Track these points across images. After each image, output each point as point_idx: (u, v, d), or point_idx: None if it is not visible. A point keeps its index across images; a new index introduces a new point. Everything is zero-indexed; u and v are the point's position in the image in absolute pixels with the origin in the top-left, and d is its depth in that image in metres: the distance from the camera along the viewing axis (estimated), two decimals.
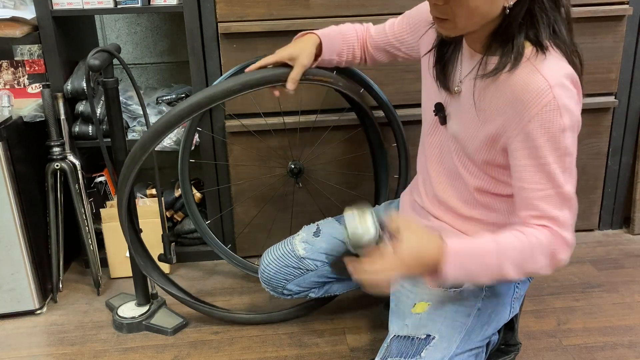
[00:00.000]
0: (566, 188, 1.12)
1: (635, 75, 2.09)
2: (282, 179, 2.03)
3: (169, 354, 1.68)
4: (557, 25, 1.12)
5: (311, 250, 1.56)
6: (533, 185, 1.13)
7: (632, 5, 1.97)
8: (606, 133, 2.15)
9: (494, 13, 1.09)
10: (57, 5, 1.83)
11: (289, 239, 1.62)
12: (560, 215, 1.13)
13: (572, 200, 1.14)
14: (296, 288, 1.60)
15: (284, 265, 1.57)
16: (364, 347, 1.68)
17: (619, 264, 2.07)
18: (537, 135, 1.09)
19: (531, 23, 1.11)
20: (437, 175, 1.36)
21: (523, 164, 1.13)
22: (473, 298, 1.28)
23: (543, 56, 1.11)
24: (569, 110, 1.09)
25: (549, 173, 1.11)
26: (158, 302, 1.84)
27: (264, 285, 1.63)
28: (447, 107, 1.30)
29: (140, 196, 2.10)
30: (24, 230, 1.79)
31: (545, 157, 1.10)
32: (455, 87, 1.26)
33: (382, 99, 1.92)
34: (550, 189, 1.12)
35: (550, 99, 1.07)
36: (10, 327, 1.82)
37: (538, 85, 1.08)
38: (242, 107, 1.95)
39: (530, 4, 1.09)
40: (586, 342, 1.67)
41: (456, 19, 1.10)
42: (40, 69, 1.94)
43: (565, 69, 1.11)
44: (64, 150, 1.90)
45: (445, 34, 1.17)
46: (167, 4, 1.85)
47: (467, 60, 1.23)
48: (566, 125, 1.09)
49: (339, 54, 1.52)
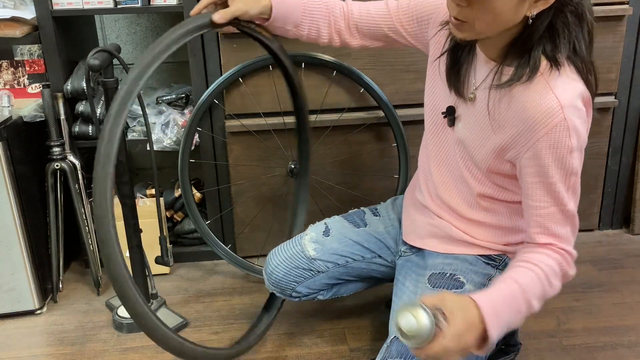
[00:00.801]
0: (569, 206, 1.16)
1: (635, 75, 2.09)
2: (282, 179, 2.03)
3: (169, 354, 1.67)
4: (578, 42, 1.10)
5: (322, 250, 1.49)
6: (538, 203, 1.16)
7: (632, 5, 1.97)
8: (606, 133, 2.15)
9: (515, 21, 1.07)
10: (57, 5, 1.83)
11: (296, 238, 1.54)
12: (563, 233, 1.17)
13: (575, 217, 1.18)
14: (305, 290, 1.53)
15: (294, 266, 1.49)
16: (364, 347, 1.68)
17: (619, 264, 2.07)
18: (545, 154, 1.11)
19: (551, 37, 1.09)
20: (441, 176, 1.36)
21: (530, 181, 1.15)
22: None
23: (557, 72, 1.11)
24: (577, 131, 1.10)
25: (554, 192, 1.14)
26: (158, 302, 1.84)
27: (272, 287, 1.54)
28: (457, 109, 1.29)
29: (140, 196, 2.10)
30: (24, 230, 1.79)
31: (552, 176, 1.12)
32: (470, 94, 1.24)
33: (382, 99, 1.92)
34: (553, 207, 1.15)
35: (560, 119, 1.08)
36: (10, 327, 1.82)
37: (550, 104, 1.09)
38: (242, 107, 1.95)
39: (554, 18, 1.07)
40: (586, 342, 1.67)
41: (476, 23, 1.07)
42: (40, 69, 1.94)
43: (578, 88, 1.11)
44: (64, 150, 1.90)
45: (461, 37, 1.14)
46: (167, 4, 1.85)
47: (481, 67, 1.21)
48: (574, 146, 1.10)
49: (296, 25, 1.36)
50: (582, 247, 2.16)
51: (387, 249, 1.52)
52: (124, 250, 1.92)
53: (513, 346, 1.51)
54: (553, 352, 1.64)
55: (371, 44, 1.44)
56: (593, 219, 2.26)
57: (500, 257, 1.34)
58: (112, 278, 1.09)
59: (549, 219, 1.16)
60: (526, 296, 1.10)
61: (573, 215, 1.17)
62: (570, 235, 1.18)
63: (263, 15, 1.32)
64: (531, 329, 1.73)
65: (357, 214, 1.58)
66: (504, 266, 1.33)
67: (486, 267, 1.33)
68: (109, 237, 1.07)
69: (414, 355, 1.18)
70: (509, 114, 1.15)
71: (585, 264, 2.07)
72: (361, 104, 1.99)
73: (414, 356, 1.18)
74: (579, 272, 2.06)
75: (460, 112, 1.28)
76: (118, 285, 1.09)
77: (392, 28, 1.38)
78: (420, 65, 1.90)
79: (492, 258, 1.34)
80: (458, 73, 1.25)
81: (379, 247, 1.52)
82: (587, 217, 2.25)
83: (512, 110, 1.15)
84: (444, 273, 1.32)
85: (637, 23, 2.02)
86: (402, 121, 1.94)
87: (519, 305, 1.10)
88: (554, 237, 1.17)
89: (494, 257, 1.34)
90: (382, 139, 2.03)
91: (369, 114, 1.99)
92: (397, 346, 1.22)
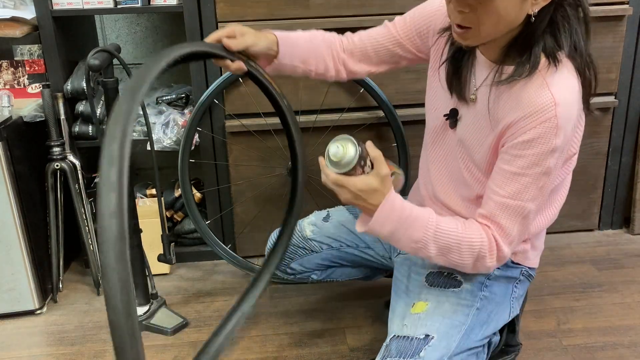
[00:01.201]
0: (528, 205, 1.13)
1: (635, 75, 2.09)
2: (282, 179, 2.03)
3: (169, 354, 1.68)
4: (577, 36, 1.11)
5: (319, 233, 1.57)
6: (499, 190, 1.15)
7: (632, 5, 1.97)
8: (606, 133, 2.15)
9: (519, 21, 1.07)
10: (57, 5, 1.83)
11: (299, 221, 1.61)
12: (507, 226, 1.15)
13: (527, 220, 1.15)
14: (299, 267, 1.60)
15: (290, 244, 1.54)
16: (364, 347, 1.68)
17: (619, 264, 2.07)
18: (527, 146, 1.10)
19: (552, 32, 1.09)
20: (440, 178, 1.36)
21: (502, 167, 1.15)
22: (472, 298, 1.29)
23: (554, 69, 1.11)
24: (565, 132, 1.09)
25: (520, 185, 1.12)
26: (158, 302, 1.84)
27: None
28: (459, 111, 1.29)
29: (140, 196, 2.10)
30: (24, 230, 1.79)
31: (524, 169, 1.11)
32: (471, 95, 1.24)
33: (382, 99, 1.92)
34: (511, 199, 1.14)
35: (551, 116, 1.08)
36: (10, 327, 1.82)
37: (544, 100, 1.09)
38: (242, 107, 1.95)
39: (554, 13, 1.08)
40: (586, 342, 1.67)
41: (481, 27, 1.07)
42: (40, 69, 1.94)
43: (574, 87, 1.11)
44: (64, 150, 1.90)
45: (465, 43, 1.13)
46: (167, 4, 1.85)
47: (481, 69, 1.21)
48: (557, 145, 1.10)
49: (303, 60, 1.37)
50: (582, 247, 2.17)
51: (380, 244, 1.56)
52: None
53: (513, 346, 1.51)
54: (553, 352, 1.64)
55: (377, 68, 1.45)
56: (593, 219, 2.26)
57: None
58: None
59: (502, 209, 1.14)
60: (428, 234, 1.13)
61: (528, 216, 1.15)
62: (514, 234, 1.15)
63: (271, 51, 1.32)
64: (531, 329, 1.73)
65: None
66: (502, 265, 1.33)
67: None
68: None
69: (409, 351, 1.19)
70: (505, 108, 1.15)
71: (585, 264, 2.07)
72: (361, 104, 1.99)
73: (413, 355, 1.18)
74: (579, 272, 2.06)
75: (461, 114, 1.28)
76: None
77: (397, 44, 1.39)
78: (420, 66, 1.89)
79: None
80: (459, 78, 1.25)
81: (373, 239, 1.56)
82: (587, 217, 2.25)
83: (509, 105, 1.15)
84: (441, 272, 1.33)
85: (637, 23, 2.02)
86: (402, 121, 1.94)
87: (414, 234, 1.14)
88: (495, 225, 1.15)
89: None
90: (382, 139, 2.03)
91: (369, 114, 1.99)
92: (396, 345, 1.22)
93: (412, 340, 1.21)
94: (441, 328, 1.22)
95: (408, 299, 1.34)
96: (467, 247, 1.14)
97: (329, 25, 1.85)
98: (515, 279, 1.36)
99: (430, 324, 1.23)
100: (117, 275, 0.73)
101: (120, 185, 0.75)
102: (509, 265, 1.34)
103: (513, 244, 1.17)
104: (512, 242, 1.17)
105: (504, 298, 1.33)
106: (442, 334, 1.21)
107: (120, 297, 0.72)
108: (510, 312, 1.35)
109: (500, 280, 1.33)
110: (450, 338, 1.21)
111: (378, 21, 1.55)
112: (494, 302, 1.31)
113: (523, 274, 1.37)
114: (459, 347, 1.21)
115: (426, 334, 1.21)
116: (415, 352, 1.18)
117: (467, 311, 1.27)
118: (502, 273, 1.33)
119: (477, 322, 1.26)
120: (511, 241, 1.16)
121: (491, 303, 1.30)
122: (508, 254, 1.17)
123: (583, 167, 2.16)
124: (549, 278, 1.98)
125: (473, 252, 1.15)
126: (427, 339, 1.20)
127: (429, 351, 1.18)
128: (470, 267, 1.18)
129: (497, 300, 1.32)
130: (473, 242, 1.14)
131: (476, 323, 1.26)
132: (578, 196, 2.20)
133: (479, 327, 1.26)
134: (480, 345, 1.27)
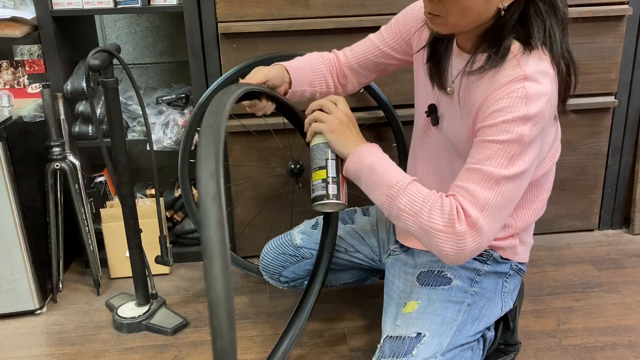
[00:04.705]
0: (499, 171, 1.08)
1: (635, 75, 2.09)
2: (282, 179, 2.03)
3: (169, 354, 1.68)
4: (552, 29, 1.12)
5: (308, 240, 1.61)
6: (470, 159, 1.13)
7: (632, 5, 1.97)
8: (606, 133, 2.15)
9: (488, 14, 1.10)
10: (57, 5, 1.83)
11: (290, 231, 1.67)
12: (474, 190, 1.09)
13: (501, 185, 1.08)
14: (292, 275, 1.63)
15: (281, 252, 1.62)
16: (364, 347, 1.68)
17: (619, 264, 2.07)
18: (496, 116, 1.09)
19: (524, 26, 1.11)
20: (427, 175, 1.38)
21: (475, 140, 1.14)
22: (462, 294, 1.30)
23: (528, 53, 1.12)
24: (535, 102, 1.08)
25: (489, 151, 1.09)
26: (158, 302, 1.84)
27: (263, 272, 1.68)
28: (440, 108, 1.31)
29: (140, 196, 2.10)
30: (24, 230, 1.79)
31: (494, 135, 1.09)
32: (448, 87, 1.26)
33: (382, 99, 1.92)
34: (478, 165, 1.10)
35: (519, 87, 1.08)
36: (10, 327, 1.82)
37: (513, 74, 1.10)
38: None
39: (525, 7, 1.09)
40: (586, 342, 1.67)
41: (449, 17, 1.10)
42: (40, 69, 1.94)
43: (545, 68, 1.12)
44: (63, 150, 1.90)
45: (437, 29, 1.17)
46: (167, 4, 1.85)
47: (456, 60, 1.24)
48: (529, 114, 1.07)
49: (310, 83, 1.43)
50: (582, 247, 2.17)
51: (368, 247, 1.58)
52: (124, 251, 1.94)
53: (513, 345, 1.52)
54: (553, 352, 1.64)
55: (366, 78, 1.51)
56: (593, 219, 2.26)
57: (488, 252, 1.35)
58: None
59: (469, 173, 1.11)
60: (405, 181, 1.15)
61: (499, 181, 1.08)
62: (485, 199, 1.08)
63: (285, 77, 1.39)
64: (531, 329, 1.73)
65: (348, 213, 1.66)
66: (491, 260, 1.35)
67: (473, 262, 1.34)
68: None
69: (402, 350, 1.20)
70: (477, 94, 1.16)
71: (585, 264, 2.07)
72: (361, 104, 1.99)
73: (406, 354, 1.19)
74: (579, 272, 2.06)
75: (443, 110, 1.30)
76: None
77: (382, 54, 1.44)
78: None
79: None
80: (438, 67, 1.27)
81: (360, 243, 1.59)
82: (587, 217, 2.25)
83: (479, 92, 1.16)
84: (432, 270, 1.35)
85: (637, 23, 2.02)
86: (402, 121, 1.94)
87: (396, 175, 1.16)
88: (462, 190, 1.10)
89: (481, 252, 1.34)
90: (382, 139, 2.03)
91: (369, 114, 1.99)
92: (389, 345, 1.23)
93: (404, 340, 1.22)
94: (433, 326, 1.24)
95: (400, 299, 1.36)
96: (438, 209, 1.09)
97: (329, 25, 1.85)
98: (505, 273, 1.37)
99: (421, 323, 1.24)
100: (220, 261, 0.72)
101: (220, 195, 0.76)
102: (498, 261, 1.35)
103: (484, 213, 1.09)
104: (483, 207, 1.08)
105: (494, 293, 1.35)
106: (434, 331, 1.23)
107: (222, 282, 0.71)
108: (502, 306, 1.36)
109: (490, 275, 1.35)
110: (442, 335, 1.23)
111: (378, 21, 1.56)
112: (485, 297, 1.32)
113: (513, 269, 1.38)
114: (451, 343, 1.22)
115: (418, 333, 1.23)
116: (407, 351, 1.20)
117: (458, 307, 1.28)
118: (491, 268, 1.35)
119: (468, 318, 1.28)
120: (482, 206, 1.08)
121: (482, 298, 1.32)
122: (480, 221, 1.08)
123: (583, 167, 2.17)
124: (549, 278, 1.98)
125: (445, 213, 1.09)
126: (419, 337, 1.22)
127: (421, 349, 1.19)
128: (443, 232, 1.09)
129: (488, 296, 1.33)
130: (444, 202, 1.10)
131: (468, 319, 1.27)
132: (578, 196, 2.20)
133: (471, 323, 1.28)
134: (473, 340, 1.28)
